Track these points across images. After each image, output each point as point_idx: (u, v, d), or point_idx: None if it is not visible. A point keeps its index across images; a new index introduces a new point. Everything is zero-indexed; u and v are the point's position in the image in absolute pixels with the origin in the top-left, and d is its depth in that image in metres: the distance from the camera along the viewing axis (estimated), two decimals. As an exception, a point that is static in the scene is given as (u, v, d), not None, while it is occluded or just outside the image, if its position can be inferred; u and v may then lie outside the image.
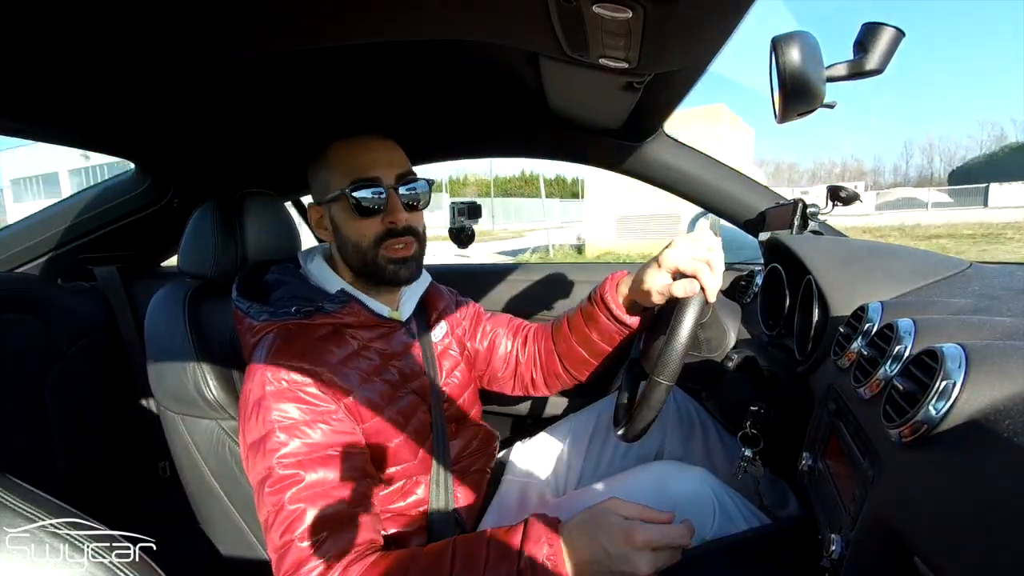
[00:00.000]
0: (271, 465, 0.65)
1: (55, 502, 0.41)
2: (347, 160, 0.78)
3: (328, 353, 0.73)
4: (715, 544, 0.74)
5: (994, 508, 0.34)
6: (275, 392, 0.68)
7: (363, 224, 0.77)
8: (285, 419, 0.67)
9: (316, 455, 0.67)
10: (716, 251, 0.72)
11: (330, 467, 0.67)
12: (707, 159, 1.26)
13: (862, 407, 0.56)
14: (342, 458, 0.68)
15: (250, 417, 0.69)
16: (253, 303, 0.77)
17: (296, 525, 0.63)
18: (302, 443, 0.66)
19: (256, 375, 0.70)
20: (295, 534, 0.62)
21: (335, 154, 0.80)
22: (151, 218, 1.24)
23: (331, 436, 0.69)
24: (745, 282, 1.32)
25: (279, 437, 0.66)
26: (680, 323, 0.65)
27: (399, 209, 0.78)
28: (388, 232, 0.78)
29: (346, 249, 0.80)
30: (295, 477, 0.65)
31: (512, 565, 0.58)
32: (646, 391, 0.69)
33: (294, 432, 0.67)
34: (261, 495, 0.66)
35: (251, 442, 0.68)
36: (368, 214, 0.77)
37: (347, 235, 0.79)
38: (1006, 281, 0.67)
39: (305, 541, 0.62)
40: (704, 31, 0.59)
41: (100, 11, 0.55)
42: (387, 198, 0.77)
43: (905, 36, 0.67)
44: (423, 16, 0.62)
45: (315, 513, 0.63)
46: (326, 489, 0.65)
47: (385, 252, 0.78)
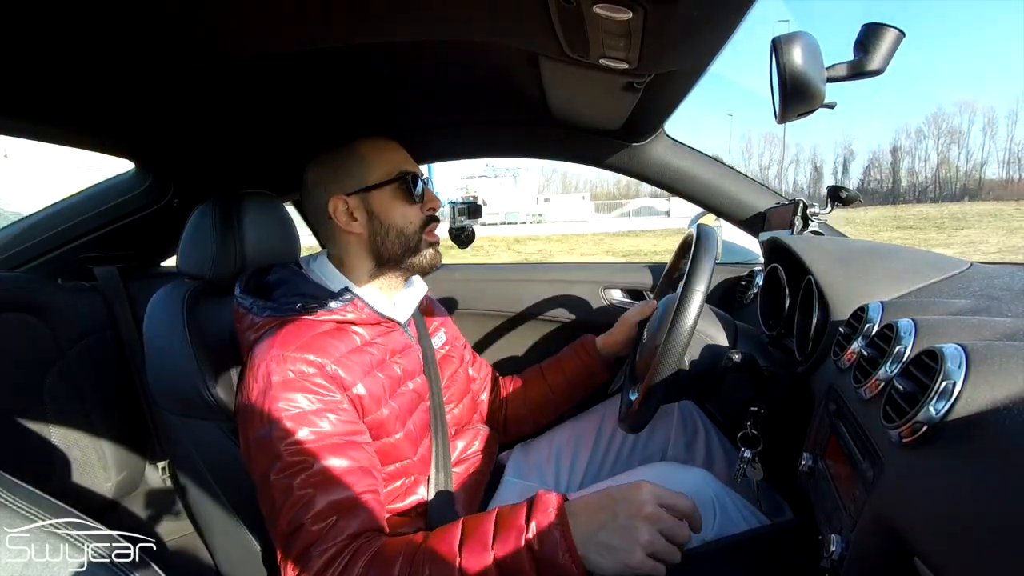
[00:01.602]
0: (279, 452, 0.65)
1: (55, 502, 0.41)
2: (386, 156, 0.86)
3: (332, 346, 0.74)
4: (715, 544, 0.74)
5: (994, 508, 0.34)
6: (282, 382, 0.69)
7: (411, 210, 0.85)
8: (293, 408, 0.68)
9: (325, 443, 0.67)
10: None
11: (338, 455, 0.67)
12: (707, 159, 1.26)
13: (862, 407, 0.56)
14: (349, 447, 0.69)
15: (255, 408, 0.69)
16: (256, 299, 0.78)
17: (306, 510, 0.63)
18: (311, 431, 0.67)
19: (261, 367, 0.70)
20: (306, 517, 0.63)
21: (370, 150, 0.85)
22: (151, 218, 1.23)
23: (339, 426, 0.69)
24: (745, 282, 1.32)
25: (287, 425, 0.66)
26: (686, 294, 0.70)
27: (435, 197, 0.88)
28: (429, 218, 0.87)
29: (387, 236, 0.84)
30: (304, 464, 0.65)
31: (520, 535, 0.58)
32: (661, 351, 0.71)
33: (302, 421, 0.67)
34: (267, 483, 0.66)
35: (256, 432, 0.68)
36: (416, 200, 0.85)
37: (393, 221, 0.84)
38: (1006, 281, 0.67)
39: (316, 524, 0.62)
40: (704, 31, 0.59)
41: (100, 10, 0.55)
42: (424, 189, 0.87)
43: (905, 36, 0.67)
44: (423, 16, 0.62)
45: (325, 498, 0.64)
46: (335, 475, 0.66)
47: (427, 236, 0.87)
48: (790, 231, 1.14)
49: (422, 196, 0.86)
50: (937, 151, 61.60)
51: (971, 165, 60.60)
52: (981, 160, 61.62)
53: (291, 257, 0.95)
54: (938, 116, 66.23)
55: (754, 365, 0.78)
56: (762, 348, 0.86)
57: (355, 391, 0.74)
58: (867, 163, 66.26)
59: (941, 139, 62.19)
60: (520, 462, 1.02)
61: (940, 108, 72.22)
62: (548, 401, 1.07)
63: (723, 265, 1.46)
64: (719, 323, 0.83)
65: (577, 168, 52.19)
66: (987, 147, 62.68)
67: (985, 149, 62.41)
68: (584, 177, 71.15)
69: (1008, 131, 62.52)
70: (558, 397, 1.07)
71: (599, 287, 1.53)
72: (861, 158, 70.88)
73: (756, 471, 0.82)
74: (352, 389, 0.73)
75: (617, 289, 1.54)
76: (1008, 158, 61.11)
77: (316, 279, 0.83)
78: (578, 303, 1.54)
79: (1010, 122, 62.49)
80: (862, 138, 72.08)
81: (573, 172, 70.20)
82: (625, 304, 1.51)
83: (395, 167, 0.84)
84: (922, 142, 62.99)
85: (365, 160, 0.84)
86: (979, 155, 62.21)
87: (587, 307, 1.53)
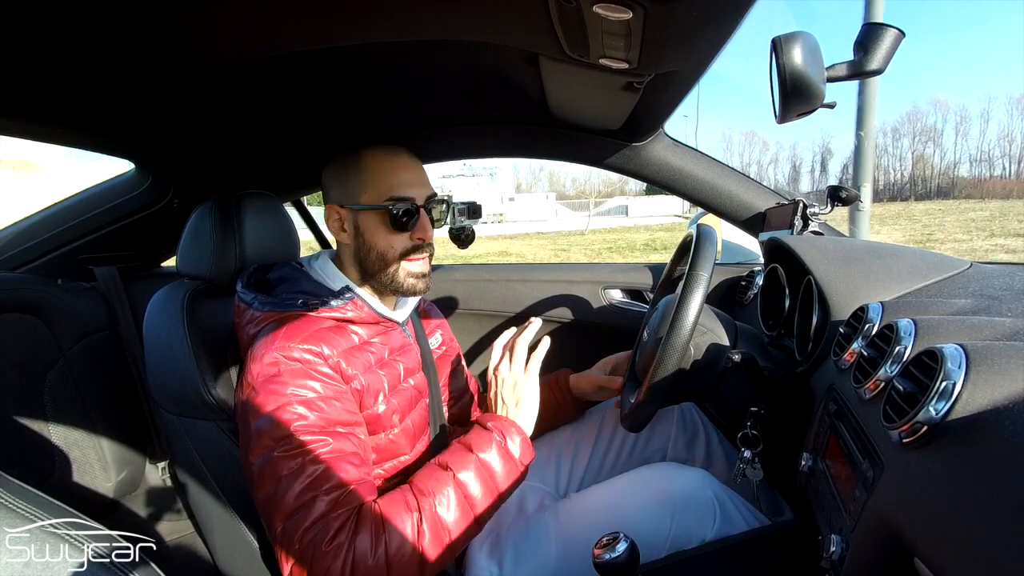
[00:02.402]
0: (287, 434, 0.66)
1: (55, 502, 0.41)
2: (386, 175, 0.81)
3: (334, 340, 0.75)
4: (715, 544, 0.74)
5: (994, 508, 0.34)
6: (290, 370, 0.70)
7: (395, 238, 0.81)
8: (302, 392, 0.69)
9: (331, 428, 0.69)
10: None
11: (342, 440, 0.69)
12: (707, 159, 1.26)
13: (862, 407, 0.56)
14: (351, 435, 0.71)
15: (260, 394, 0.69)
16: (258, 295, 0.79)
17: (320, 483, 0.65)
18: (319, 416, 0.68)
19: (265, 356, 0.71)
20: (320, 490, 0.64)
21: (371, 165, 0.82)
22: (151, 218, 1.23)
23: (343, 415, 0.71)
24: (745, 283, 1.32)
25: (296, 409, 0.68)
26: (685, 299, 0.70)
27: (429, 228, 0.83)
28: (415, 247, 0.83)
29: (368, 255, 0.82)
30: (314, 442, 0.67)
31: (489, 434, 0.75)
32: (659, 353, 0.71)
33: (311, 406, 0.69)
34: (271, 465, 0.66)
35: (260, 418, 0.68)
36: (401, 229, 0.81)
37: (374, 244, 0.82)
38: (1006, 282, 0.67)
39: (331, 494, 0.64)
40: (704, 31, 0.59)
41: (100, 10, 0.55)
42: (418, 217, 0.82)
43: (905, 36, 0.67)
44: (423, 16, 0.62)
45: (337, 474, 0.66)
46: (343, 455, 0.68)
47: (407, 263, 0.83)
48: (790, 231, 1.13)
49: (415, 224, 0.82)
50: (912, 151, 62.59)
51: (945, 164, 61.72)
52: (954, 160, 62.64)
53: (291, 257, 0.95)
54: (913, 114, 66.84)
55: (754, 365, 0.78)
56: (762, 348, 0.86)
57: (355, 384, 0.75)
58: (844, 161, 66.97)
59: (916, 138, 63.30)
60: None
61: (915, 106, 72.97)
62: None
63: (723, 265, 1.46)
64: (719, 323, 0.83)
65: (564, 167, 52.66)
66: (960, 146, 63.61)
67: (958, 149, 63.38)
68: (571, 175, 71.26)
69: (980, 130, 63.59)
70: None
71: (599, 287, 1.53)
72: (839, 157, 71.88)
73: (756, 471, 0.82)
74: (353, 382, 0.75)
75: (617, 289, 1.54)
76: (980, 156, 62.17)
77: (317, 277, 0.84)
78: (578, 303, 1.54)
79: (982, 121, 63.48)
80: (838, 137, 72.72)
81: (561, 171, 70.26)
82: (625, 304, 1.51)
83: (389, 190, 0.80)
84: (898, 140, 64.17)
85: (363, 176, 0.82)
86: (952, 154, 63.23)
87: (587, 307, 1.53)
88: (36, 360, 1.02)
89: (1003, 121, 63.84)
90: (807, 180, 74.03)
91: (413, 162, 0.84)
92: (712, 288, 1.21)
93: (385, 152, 0.83)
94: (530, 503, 0.94)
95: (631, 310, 1.50)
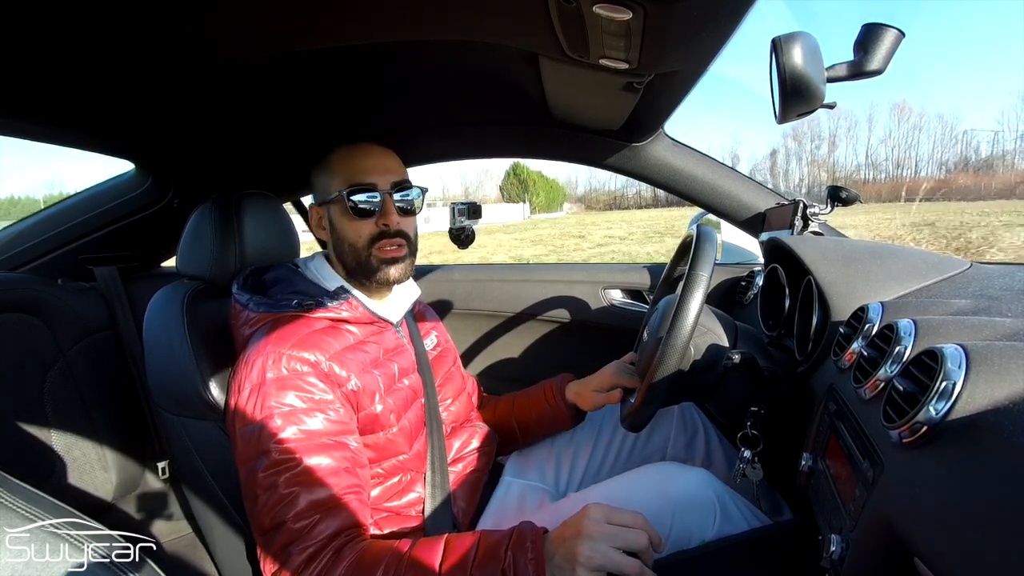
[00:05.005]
0: (267, 449, 0.66)
1: (55, 502, 0.41)
2: (348, 165, 0.83)
3: (326, 343, 0.75)
4: (715, 544, 0.74)
5: (994, 508, 0.34)
6: (276, 379, 0.69)
7: (359, 225, 0.82)
8: (283, 406, 0.68)
9: (312, 442, 0.68)
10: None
11: (325, 455, 0.68)
12: (707, 159, 1.26)
13: (862, 407, 0.56)
14: (337, 447, 0.70)
15: (246, 403, 0.69)
16: (253, 296, 0.79)
17: (289, 508, 0.64)
18: (299, 430, 0.68)
19: (256, 362, 0.71)
20: (288, 516, 0.63)
21: (337, 159, 0.84)
22: (151, 219, 1.23)
23: (328, 425, 0.70)
24: (745, 283, 1.32)
25: (276, 423, 0.67)
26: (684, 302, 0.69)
27: (392, 212, 0.82)
28: (381, 234, 0.82)
29: (342, 247, 0.84)
30: (290, 462, 0.66)
31: (498, 564, 0.60)
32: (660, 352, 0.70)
33: (292, 419, 0.68)
34: (253, 478, 0.66)
35: (246, 427, 0.69)
36: (363, 215, 0.81)
37: (343, 234, 0.83)
38: (1006, 282, 0.67)
39: (297, 523, 0.63)
40: (704, 31, 0.59)
41: (100, 10, 0.55)
42: (382, 202, 0.82)
43: (905, 36, 0.67)
44: (423, 17, 0.63)
45: (308, 497, 0.64)
46: (320, 475, 0.66)
47: (378, 252, 0.82)
48: (790, 231, 1.13)
49: (379, 209, 0.81)
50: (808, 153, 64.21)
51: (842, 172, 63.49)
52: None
53: (290, 257, 0.95)
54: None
55: (754, 365, 0.78)
56: (762, 348, 0.86)
57: (349, 387, 0.75)
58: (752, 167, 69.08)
59: (813, 142, 65.03)
60: (520, 462, 1.02)
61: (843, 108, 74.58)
62: (511, 434, 1.05)
63: (723, 265, 1.46)
64: (719, 323, 0.83)
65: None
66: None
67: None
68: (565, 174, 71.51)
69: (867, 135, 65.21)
70: (519, 434, 1.04)
71: (599, 288, 1.53)
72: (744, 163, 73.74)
73: (756, 471, 0.82)
74: (346, 385, 0.74)
75: (617, 290, 1.54)
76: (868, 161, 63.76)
77: (312, 277, 0.84)
78: (578, 303, 1.54)
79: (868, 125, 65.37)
80: (749, 142, 74.95)
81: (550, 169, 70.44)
82: (625, 304, 1.51)
83: (351, 179, 0.81)
84: (803, 143, 65.89)
85: (329, 170, 0.83)
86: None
87: (587, 308, 1.53)
88: (36, 360, 1.02)
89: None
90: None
91: (377, 150, 0.85)
92: (712, 288, 1.21)
93: (350, 146, 0.85)
94: (530, 503, 0.94)
95: (631, 310, 1.50)
